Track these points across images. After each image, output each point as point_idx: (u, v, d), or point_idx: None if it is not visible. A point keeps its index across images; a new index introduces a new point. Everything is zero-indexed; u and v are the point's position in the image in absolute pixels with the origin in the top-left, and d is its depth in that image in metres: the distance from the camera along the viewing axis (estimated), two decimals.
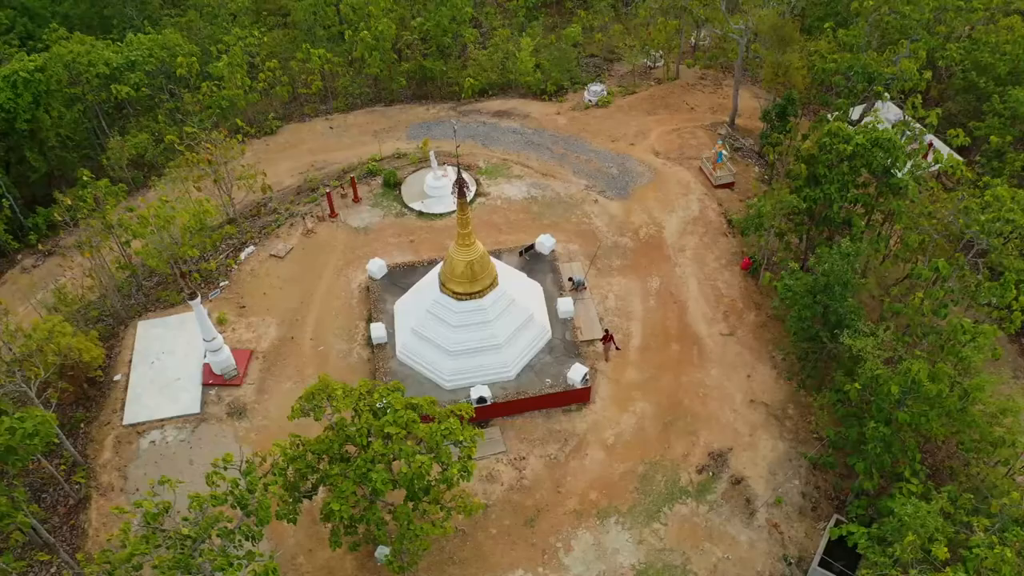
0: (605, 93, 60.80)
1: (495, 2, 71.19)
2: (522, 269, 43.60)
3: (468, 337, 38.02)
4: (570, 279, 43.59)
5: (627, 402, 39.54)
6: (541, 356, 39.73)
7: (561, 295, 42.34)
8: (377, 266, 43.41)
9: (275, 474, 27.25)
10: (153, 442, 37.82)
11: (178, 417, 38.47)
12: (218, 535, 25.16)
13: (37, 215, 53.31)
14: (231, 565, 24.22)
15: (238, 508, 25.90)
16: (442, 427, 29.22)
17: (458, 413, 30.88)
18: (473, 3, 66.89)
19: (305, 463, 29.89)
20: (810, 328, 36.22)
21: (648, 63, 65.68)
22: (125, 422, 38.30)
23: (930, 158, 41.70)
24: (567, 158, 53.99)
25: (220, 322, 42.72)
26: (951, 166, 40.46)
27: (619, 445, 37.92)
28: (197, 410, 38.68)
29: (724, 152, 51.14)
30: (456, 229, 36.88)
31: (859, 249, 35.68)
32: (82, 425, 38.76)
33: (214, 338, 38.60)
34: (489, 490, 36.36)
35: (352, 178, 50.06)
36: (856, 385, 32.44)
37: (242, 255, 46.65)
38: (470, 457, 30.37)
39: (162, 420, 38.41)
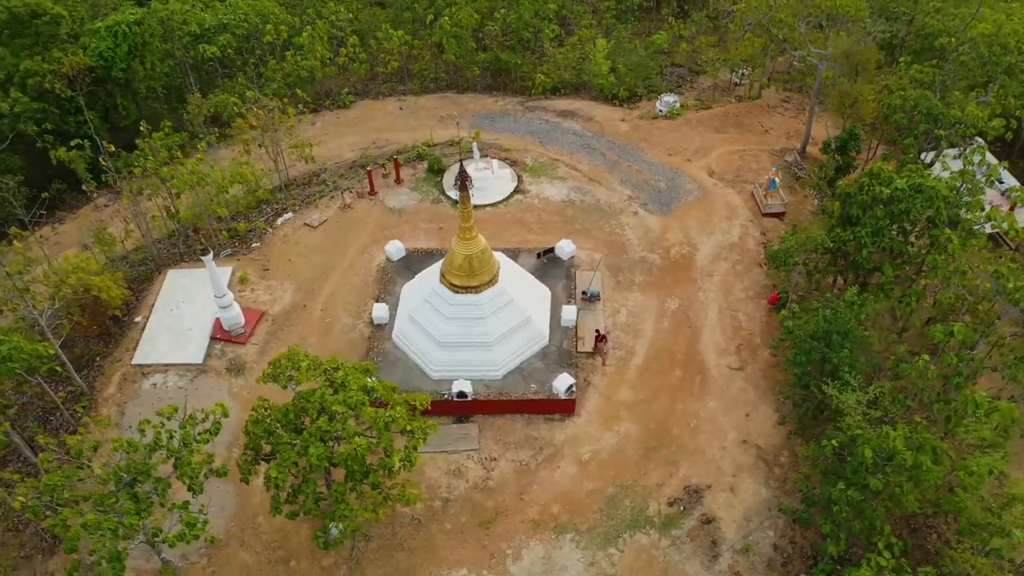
0: (677, 105, 59.22)
1: (589, 1, 70.30)
2: (537, 272, 43.19)
3: (460, 330, 38.09)
4: (583, 293, 42.89)
5: (613, 420, 38.60)
6: (533, 360, 39.33)
7: (569, 302, 41.68)
8: (395, 248, 44.09)
9: (212, 432, 28.21)
10: (155, 384, 39.93)
11: (182, 364, 40.45)
12: (141, 480, 26.32)
13: (119, 158, 57.14)
14: (139, 512, 25.35)
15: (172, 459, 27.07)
16: (387, 414, 29.50)
17: (411, 403, 31.16)
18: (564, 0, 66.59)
19: (264, 427, 30.90)
20: (806, 375, 34.26)
21: (735, 79, 63.48)
22: (134, 362, 40.60)
23: (995, 210, 38.26)
24: (618, 166, 52.97)
25: (242, 281, 44.56)
26: (1005, 224, 37.15)
27: (594, 463, 37.09)
28: (200, 361, 40.55)
29: (778, 179, 48.84)
30: (460, 223, 36.93)
31: (865, 299, 33.40)
32: (98, 359, 41.36)
33: (224, 295, 40.27)
34: (453, 485, 36.38)
35: (396, 159, 50.96)
36: (833, 442, 30.50)
37: (279, 220, 48.41)
38: (415, 448, 30.60)
39: (167, 365, 40.49)
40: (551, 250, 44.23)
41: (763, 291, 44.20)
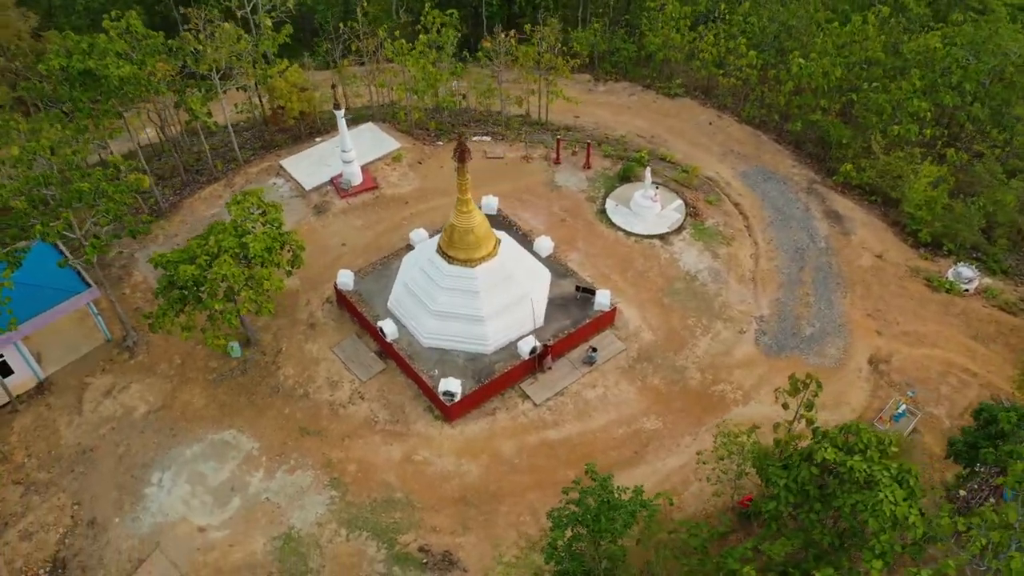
0: (969, 287, 45.34)
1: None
2: (561, 301, 40.73)
3: (420, 283, 39.09)
4: (591, 347, 39.63)
5: (471, 455, 36.47)
6: (458, 355, 38.53)
7: (550, 342, 38.89)
8: (487, 203, 45.29)
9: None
10: (273, 183, 49.12)
11: (298, 183, 48.69)
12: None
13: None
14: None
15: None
16: (227, 264, 33.55)
17: (265, 280, 34.80)
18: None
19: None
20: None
21: None
22: (280, 162, 50.17)
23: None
24: (795, 286, 44.23)
25: (394, 159, 50.51)
26: None
27: (415, 468, 36.09)
28: (307, 188, 48.27)
29: (907, 406, 36.55)
30: (457, 194, 37.46)
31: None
32: (274, 149, 51.87)
33: (349, 151, 46.71)
34: (322, 390, 39.00)
35: (588, 144, 50.31)
36: None
37: (475, 137, 52.35)
38: (238, 312, 34.57)
39: (291, 178, 49.15)
40: (592, 292, 40.84)
41: (753, 489, 35.19)
